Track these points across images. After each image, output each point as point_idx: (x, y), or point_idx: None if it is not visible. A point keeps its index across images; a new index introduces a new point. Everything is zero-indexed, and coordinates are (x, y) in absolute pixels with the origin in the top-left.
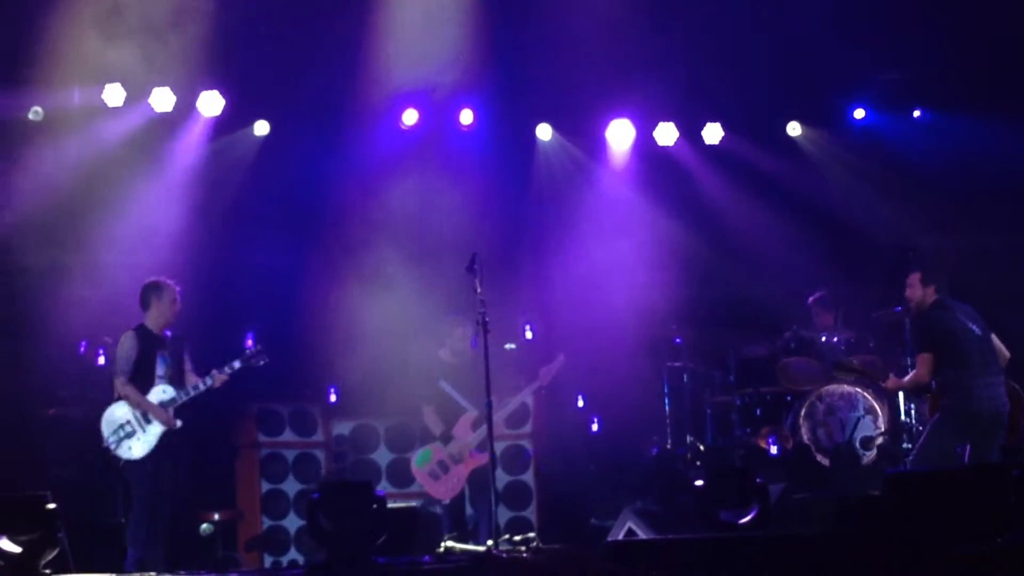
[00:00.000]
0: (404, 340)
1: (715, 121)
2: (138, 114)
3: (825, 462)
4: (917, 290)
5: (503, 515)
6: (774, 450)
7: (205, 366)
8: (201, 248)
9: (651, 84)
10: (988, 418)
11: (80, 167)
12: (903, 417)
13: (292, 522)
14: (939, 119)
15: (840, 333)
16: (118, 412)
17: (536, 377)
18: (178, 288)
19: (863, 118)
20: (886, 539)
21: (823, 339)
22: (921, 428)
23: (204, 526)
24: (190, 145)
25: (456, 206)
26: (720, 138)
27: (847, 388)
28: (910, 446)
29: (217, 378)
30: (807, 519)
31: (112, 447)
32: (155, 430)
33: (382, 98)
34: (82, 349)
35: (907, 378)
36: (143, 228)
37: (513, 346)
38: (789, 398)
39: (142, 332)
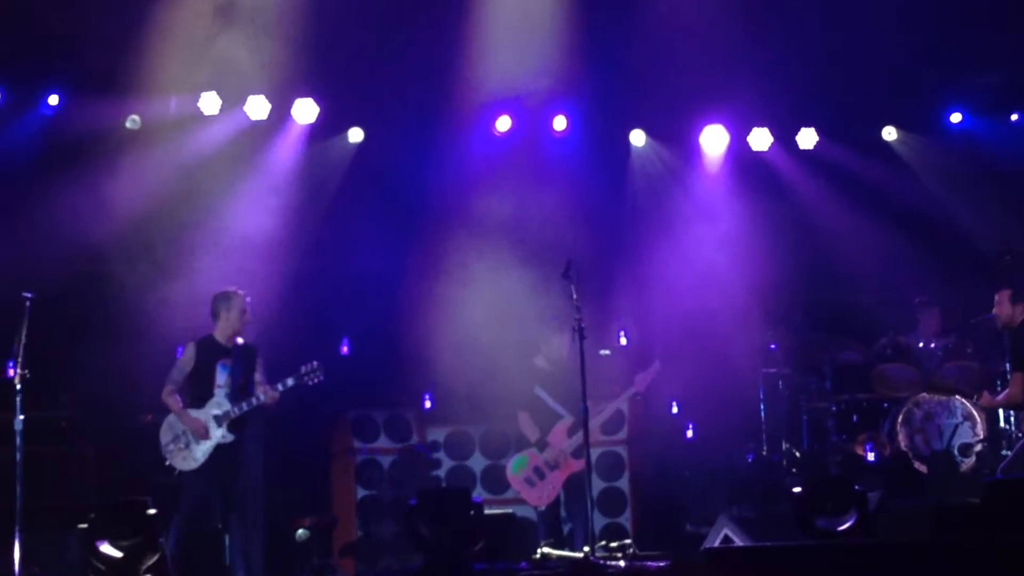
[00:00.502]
0: (500, 347)
1: (809, 126)
2: (233, 122)
3: (923, 469)
4: (1006, 308)
5: (598, 521)
6: (871, 457)
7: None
8: (297, 254)
9: (745, 89)
10: None
11: (176, 175)
12: (1002, 424)
13: (387, 528)
14: None
15: (939, 339)
16: (174, 422)
17: (631, 383)
18: (248, 298)
19: (960, 122)
20: (986, 547)
21: (920, 345)
22: (1021, 435)
23: (300, 532)
24: (285, 152)
25: (550, 212)
26: (815, 143)
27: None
28: (1008, 453)
29: (269, 395)
30: (906, 527)
31: (168, 456)
32: (207, 443)
33: (476, 104)
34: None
35: (1000, 396)
36: (239, 235)
37: (608, 352)
38: (886, 404)
39: (205, 343)
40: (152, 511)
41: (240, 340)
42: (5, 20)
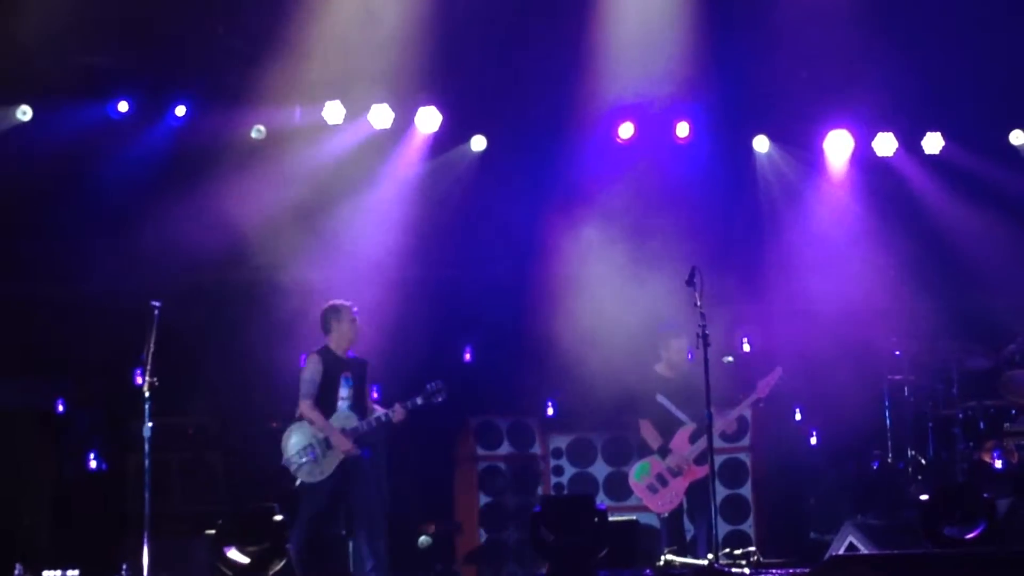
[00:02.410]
0: (621, 354)
1: (935, 130)
2: (357, 131)
3: None
4: None
5: (721, 528)
6: (999, 464)
7: (425, 381)
8: (421, 263)
9: (869, 93)
10: None
11: (302, 184)
12: None
13: (510, 535)
14: None
15: None
16: (301, 434)
17: (754, 390)
18: (355, 309)
19: None
20: None
21: None
22: None
23: (422, 539)
24: (408, 161)
25: (673, 219)
26: (940, 147)
27: None
28: None
29: (398, 412)
30: None
31: (292, 467)
32: (335, 457)
33: (598, 112)
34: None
35: None
36: (365, 243)
37: (731, 359)
38: (1014, 411)
39: (327, 354)
40: (279, 517)
41: (351, 354)
42: (133, 32)
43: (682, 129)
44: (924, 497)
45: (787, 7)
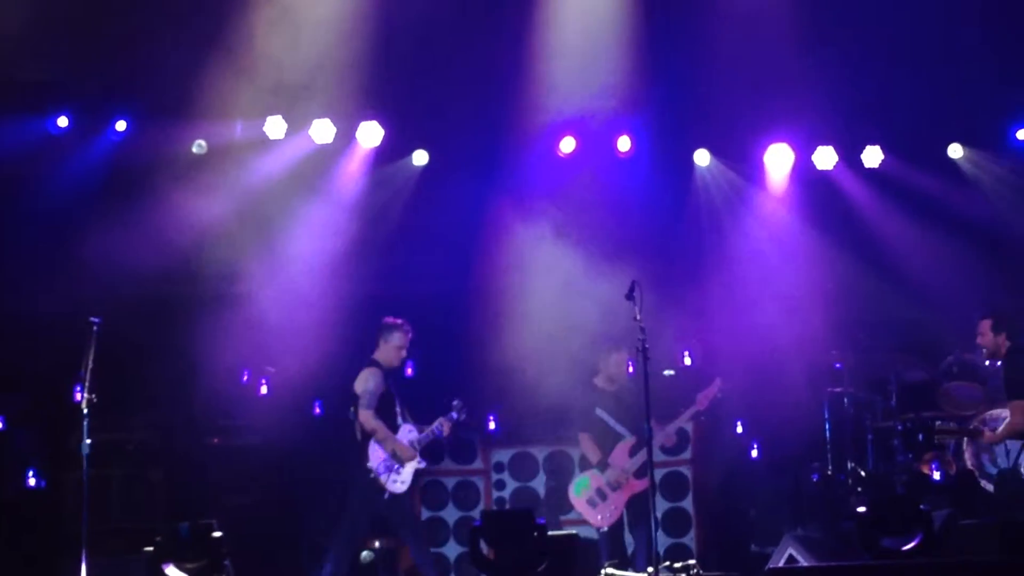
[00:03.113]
0: (562, 368)
1: (875, 144)
2: (299, 146)
3: (990, 488)
4: (989, 338)
5: (663, 542)
6: (937, 476)
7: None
8: (362, 277)
9: (810, 108)
10: None
11: (241, 199)
12: None
13: (451, 549)
14: None
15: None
16: (380, 446)
17: (694, 402)
18: (409, 333)
19: None
20: None
21: (986, 363)
22: None
23: (365, 554)
24: (350, 176)
25: (614, 233)
26: (880, 161)
27: None
28: None
29: (446, 426)
30: (972, 546)
31: (381, 478)
32: (411, 467)
33: (540, 126)
34: (244, 378)
35: (1001, 429)
36: (304, 258)
37: (672, 372)
38: (952, 423)
39: (381, 368)
40: (218, 534)
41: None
42: (74, 47)
43: (623, 143)
44: (862, 509)
45: (728, 23)
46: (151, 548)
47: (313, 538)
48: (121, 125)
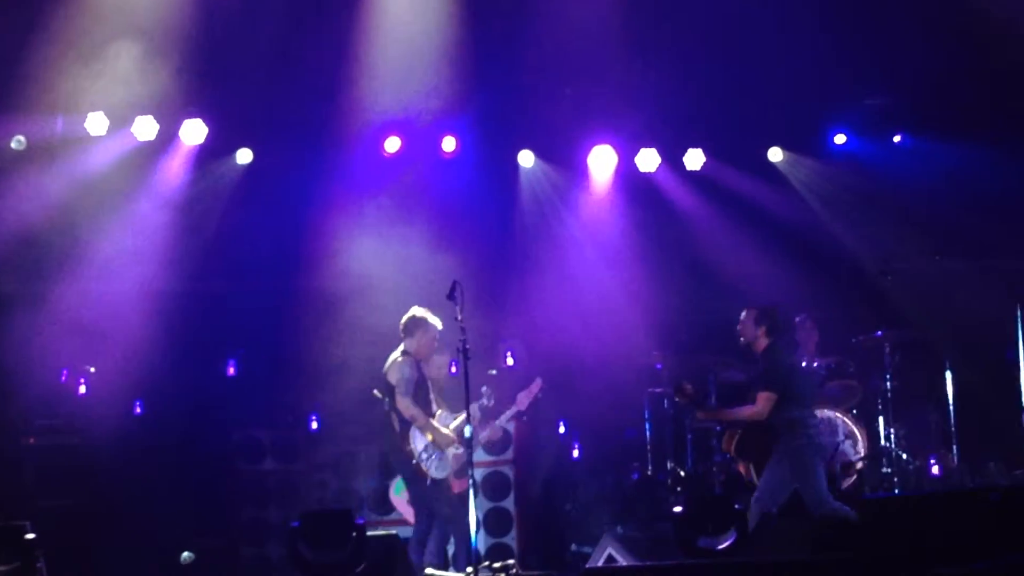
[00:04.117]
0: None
1: (697, 147)
2: (121, 143)
3: None
4: (750, 328)
5: (484, 542)
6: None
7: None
8: (184, 275)
9: (633, 110)
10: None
11: (63, 196)
12: (883, 442)
13: (273, 550)
14: (919, 144)
15: (821, 358)
16: (421, 432)
17: (514, 402)
18: (439, 328)
19: (844, 143)
20: (864, 564)
21: (803, 364)
22: (901, 454)
23: (185, 554)
24: (173, 173)
25: (438, 233)
26: (702, 164)
27: (828, 413)
28: (890, 471)
29: (476, 416)
30: (785, 545)
31: (423, 463)
32: (451, 451)
33: (365, 125)
34: (63, 377)
35: (745, 409)
36: (126, 256)
37: (494, 372)
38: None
39: (413, 359)
40: (31, 536)
41: None
42: None
43: (448, 143)
44: (677, 509)
45: (553, 25)
46: None
47: (131, 539)
48: None
